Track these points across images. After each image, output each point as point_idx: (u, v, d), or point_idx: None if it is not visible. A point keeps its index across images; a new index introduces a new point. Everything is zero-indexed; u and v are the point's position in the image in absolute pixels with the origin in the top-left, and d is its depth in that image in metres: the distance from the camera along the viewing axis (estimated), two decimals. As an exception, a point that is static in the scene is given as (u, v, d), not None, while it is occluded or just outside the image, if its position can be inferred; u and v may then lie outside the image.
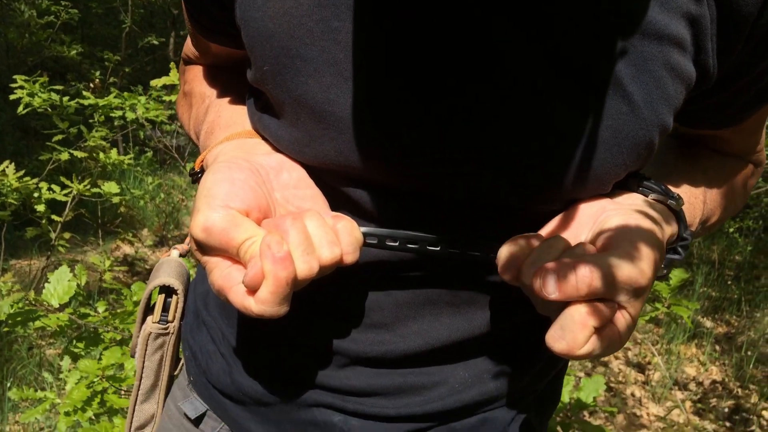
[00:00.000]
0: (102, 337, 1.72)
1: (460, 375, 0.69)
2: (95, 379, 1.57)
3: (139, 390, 0.79)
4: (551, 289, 0.49)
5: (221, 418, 0.76)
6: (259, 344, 0.72)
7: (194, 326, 0.79)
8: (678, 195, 0.61)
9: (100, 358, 1.63)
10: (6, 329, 1.58)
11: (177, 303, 0.79)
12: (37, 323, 1.61)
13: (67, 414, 1.61)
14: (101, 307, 1.92)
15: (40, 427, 2.52)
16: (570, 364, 3.18)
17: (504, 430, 0.73)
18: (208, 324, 0.77)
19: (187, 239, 0.87)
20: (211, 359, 0.76)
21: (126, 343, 1.74)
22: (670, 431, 2.84)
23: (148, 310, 0.79)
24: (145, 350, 0.77)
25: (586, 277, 0.49)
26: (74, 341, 1.67)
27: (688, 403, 3.07)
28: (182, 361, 0.82)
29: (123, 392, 1.69)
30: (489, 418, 0.72)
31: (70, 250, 3.83)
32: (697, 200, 0.69)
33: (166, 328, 0.78)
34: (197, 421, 0.77)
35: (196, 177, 0.66)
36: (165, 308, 0.78)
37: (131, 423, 0.81)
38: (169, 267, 0.80)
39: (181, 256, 0.84)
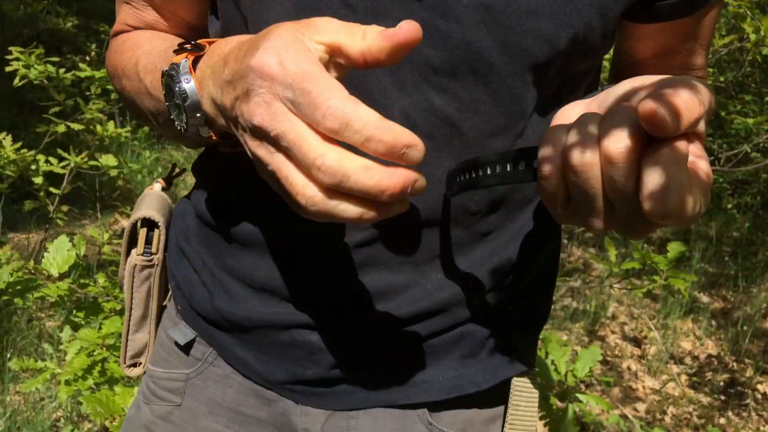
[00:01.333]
0: (102, 306, 1.72)
1: (433, 277, 0.70)
2: (95, 348, 1.57)
3: (130, 321, 0.82)
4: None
5: (209, 343, 0.79)
6: (236, 270, 0.74)
7: (177, 258, 0.81)
8: None
9: (100, 328, 1.63)
10: (6, 298, 1.58)
11: (159, 235, 0.81)
12: (37, 293, 1.61)
13: (67, 383, 1.62)
14: (101, 279, 1.92)
15: (40, 397, 2.54)
16: (566, 338, 3.21)
17: (482, 344, 0.75)
18: (188, 255, 0.79)
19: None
20: (194, 288, 0.78)
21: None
22: (665, 404, 2.87)
23: (133, 243, 0.81)
24: (132, 282, 0.80)
25: (691, 100, 0.42)
26: (74, 311, 1.68)
27: (683, 377, 3.10)
28: (170, 292, 0.85)
29: (123, 362, 1.70)
30: (466, 332, 0.73)
31: (69, 224, 3.82)
32: None
33: (150, 260, 0.80)
34: (187, 347, 0.80)
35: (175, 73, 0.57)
36: (148, 241, 0.81)
37: (125, 352, 0.84)
38: (151, 200, 0.83)
39: (163, 189, 0.86)
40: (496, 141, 0.65)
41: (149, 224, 0.81)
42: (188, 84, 0.55)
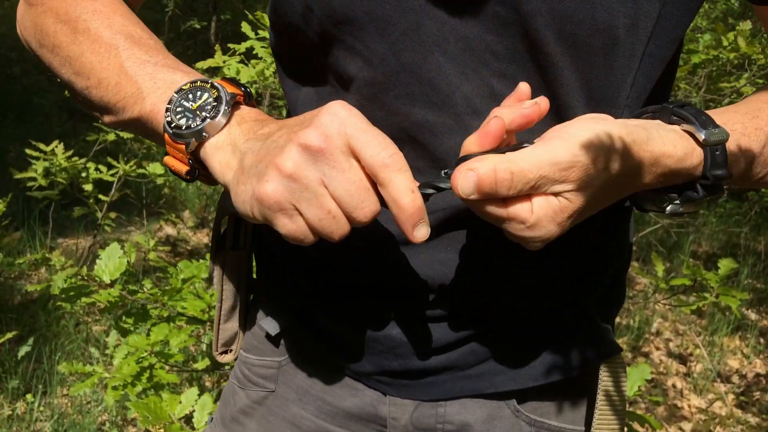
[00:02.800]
0: (150, 313, 1.75)
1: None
2: (144, 354, 1.60)
3: (221, 311, 0.84)
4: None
5: (291, 338, 0.81)
6: (314, 264, 0.76)
7: (263, 252, 0.84)
8: (720, 129, 0.58)
9: (148, 334, 1.66)
10: (59, 303, 1.62)
11: (246, 230, 0.83)
12: (88, 299, 1.65)
13: (115, 388, 1.65)
14: (148, 285, 1.96)
15: (86, 400, 2.60)
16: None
17: (568, 330, 0.75)
18: (272, 249, 0.81)
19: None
20: (280, 281, 0.81)
21: (173, 320, 1.78)
22: (712, 424, 2.80)
23: (221, 237, 0.83)
24: (222, 276, 0.82)
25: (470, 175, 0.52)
26: (123, 317, 1.71)
27: (730, 396, 3.02)
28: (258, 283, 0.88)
29: (169, 368, 1.73)
30: (552, 319, 0.73)
31: (116, 230, 3.91)
32: (759, 132, 0.64)
33: (239, 254, 0.82)
34: (278, 337, 0.83)
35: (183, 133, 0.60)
36: (236, 234, 0.82)
37: (218, 340, 0.86)
38: None
39: None
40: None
41: (236, 218, 0.82)
42: (224, 112, 0.59)
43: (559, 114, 0.63)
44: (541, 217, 0.54)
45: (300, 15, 0.66)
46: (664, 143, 0.57)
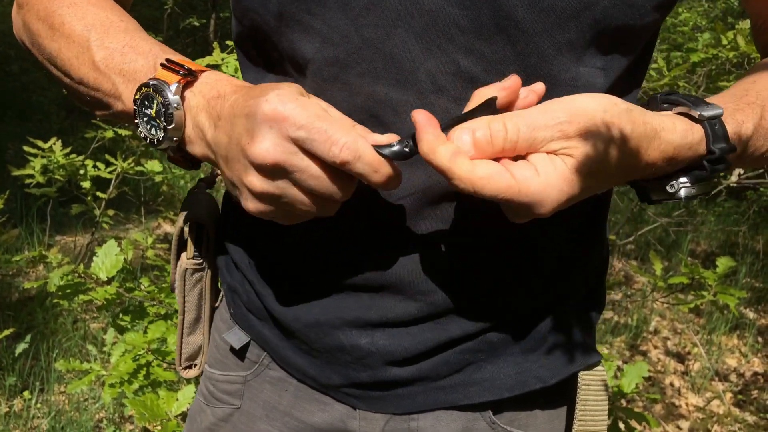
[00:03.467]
0: (147, 310, 1.75)
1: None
2: (141, 352, 1.60)
3: (183, 324, 0.81)
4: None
5: (262, 347, 0.78)
6: (281, 269, 0.73)
7: (226, 260, 0.80)
8: (713, 104, 0.58)
9: (145, 332, 1.66)
10: (56, 300, 1.61)
11: (208, 238, 0.80)
12: (85, 296, 1.64)
13: (112, 386, 1.65)
14: (145, 283, 1.96)
15: (84, 397, 2.59)
16: (606, 351, 3.15)
17: (544, 337, 0.72)
18: (236, 256, 0.78)
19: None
20: (244, 289, 0.77)
21: (170, 317, 1.77)
22: (710, 422, 2.80)
23: (182, 245, 0.80)
24: (184, 285, 0.79)
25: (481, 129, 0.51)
26: (120, 314, 1.71)
27: (728, 395, 3.02)
28: (222, 294, 0.84)
29: (166, 365, 1.72)
30: (526, 325, 0.71)
31: (114, 227, 3.90)
32: (750, 106, 0.63)
33: (200, 264, 0.80)
34: (242, 351, 0.79)
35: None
36: (198, 243, 0.79)
37: (180, 354, 0.84)
38: (198, 201, 0.81)
39: (207, 189, 0.84)
40: None
41: (198, 226, 0.79)
42: (177, 111, 0.60)
43: (532, 81, 0.60)
44: (549, 173, 0.52)
45: None
46: (663, 120, 0.56)
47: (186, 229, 0.79)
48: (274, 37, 0.65)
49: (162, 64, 0.62)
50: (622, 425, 1.57)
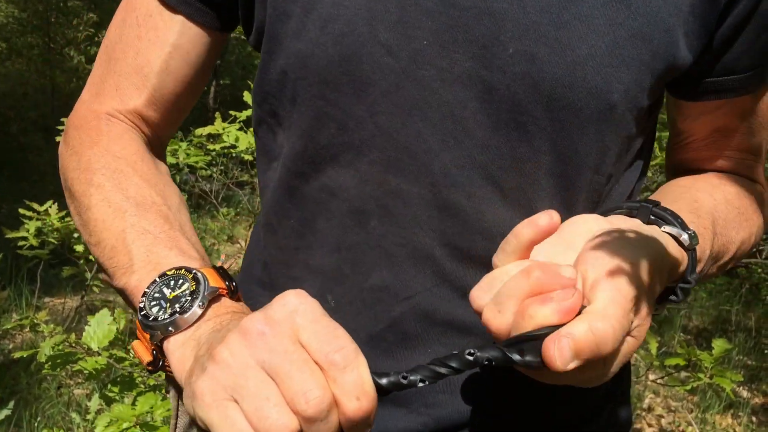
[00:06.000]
0: (136, 382, 1.72)
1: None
2: (128, 425, 1.56)
3: (176, 428, 0.76)
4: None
5: None
6: None
7: None
8: (694, 232, 0.57)
9: (134, 403, 1.62)
10: (45, 370, 1.59)
11: None
12: (75, 366, 1.61)
13: (96, 458, 1.60)
14: (135, 351, 1.92)
15: (65, 468, 2.51)
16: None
17: None
18: None
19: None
20: None
21: (160, 388, 1.74)
22: (707, 506, 2.73)
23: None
24: (179, 387, 0.74)
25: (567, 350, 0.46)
26: (109, 385, 1.67)
27: (724, 477, 2.96)
28: None
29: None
30: None
31: (104, 290, 3.86)
32: (706, 231, 0.63)
33: None
34: None
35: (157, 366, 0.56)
36: None
37: None
38: None
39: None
40: (540, 206, 0.60)
41: None
42: (200, 307, 0.54)
43: (546, 181, 0.60)
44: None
45: (275, 81, 0.63)
46: (668, 245, 0.55)
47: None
48: (288, 122, 0.64)
49: (215, 267, 0.58)
50: None
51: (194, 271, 0.56)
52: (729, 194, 0.70)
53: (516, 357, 0.48)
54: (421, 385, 0.48)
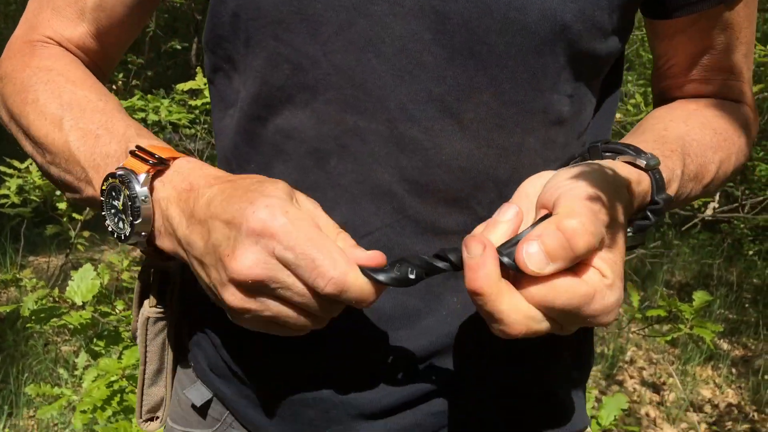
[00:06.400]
0: (122, 336, 1.72)
1: (450, 303, 0.64)
2: (115, 378, 1.57)
3: (144, 374, 0.76)
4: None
5: (224, 404, 0.74)
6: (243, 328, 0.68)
7: (189, 311, 0.75)
8: (651, 154, 0.56)
9: (120, 357, 1.63)
10: (29, 325, 1.58)
11: (173, 287, 0.73)
12: (59, 321, 1.61)
13: (83, 412, 1.61)
14: (120, 306, 1.92)
15: (54, 423, 2.53)
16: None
17: (527, 401, 0.68)
18: (196, 306, 0.74)
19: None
20: (206, 345, 0.73)
21: (145, 343, 1.75)
22: (685, 453, 2.81)
23: (145, 293, 0.74)
24: (146, 335, 0.74)
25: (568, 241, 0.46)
26: (95, 339, 1.68)
27: (703, 426, 3.03)
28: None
29: (141, 392, 1.69)
30: (507, 392, 0.67)
31: (89, 249, 3.85)
32: (673, 154, 0.62)
33: (164, 313, 0.73)
34: (204, 408, 0.75)
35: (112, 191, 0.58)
36: (162, 291, 0.73)
37: (141, 407, 0.78)
38: None
39: None
40: (498, 136, 0.60)
41: (162, 274, 0.72)
42: (144, 204, 0.56)
43: (505, 109, 0.59)
44: (615, 269, 0.49)
45: (228, 25, 0.62)
46: (629, 172, 0.55)
47: (150, 276, 0.73)
48: (243, 65, 0.63)
49: (131, 151, 0.58)
50: (599, 457, 1.57)
51: (118, 174, 0.57)
52: (705, 117, 0.69)
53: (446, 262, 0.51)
54: (412, 278, 0.51)
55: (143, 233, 0.57)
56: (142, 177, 0.56)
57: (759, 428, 3.04)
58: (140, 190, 0.55)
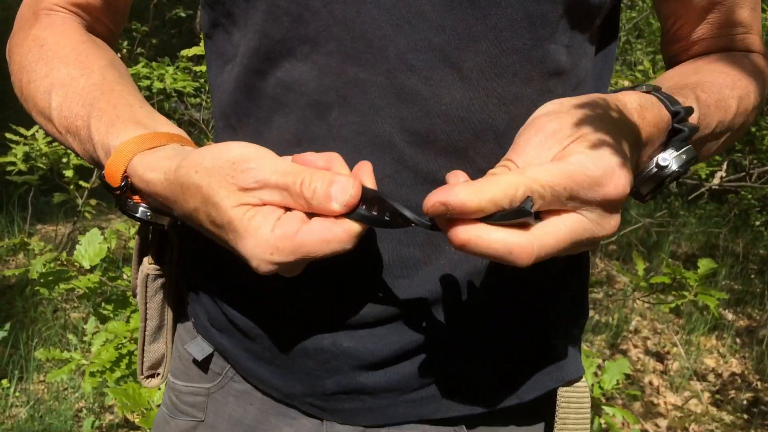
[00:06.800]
0: (129, 300, 1.74)
1: (449, 253, 0.64)
2: (123, 341, 1.59)
3: (145, 331, 0.77)
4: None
5: (225, 358, 0.74)
6: (238, 272, 0.68)
7: (188, 266, 0.77)
8: (654, 85, 0.57)
9: (127, 321, 1.65)
10: (36, 288, 1.60)
11: (172, 243, 0.75)
12: (68, 285, 1.63)
13: (93, 375, 1.63)
14: (127, 272, 1.94)
15: (63, 387, 2.57)
16: (588, 350, 3.18)
17: (522, 350, 0.69)
18: (196, 262, 0.75)
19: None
20: (205, 299, 0.74)
21: (153, 307, 1.76)
22: (687, 421, 2.83)
23: (144, 250, 0.75)
24: (146, 291, 0.74)
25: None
26: (103, 303, 1.69)
27: (706, 394, 3.06)
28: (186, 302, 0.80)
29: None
30: (503, 341, 0.67)
31: (96, 217, 3.87)
32: (686, 89, 0.62)
33: (163, 270, 0.74)
34: (205, 362, 0.76)
35: (121, 192, 0.61)
36: (161, 248, 0.74)
37: (142, 363, 0.79)
38: None
39: None
40: (497, 85, 0.60)
41: (161, 231, 0.73)
42: (139, 208, 0.62)
43: (504, 58, 0.59)
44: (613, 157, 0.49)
45: None
46: (633, 98, 0.55)
47: (149, 233, 0.74)
48: (243, 19, 0.63)
49: (102, 184, 0.62)
50: (602, 421, 1.59)
51: (114, 193, 0.61)
52: (716, 66, 0.69)
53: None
54: (387, 220, 0.52)
55: (152, 221, 0.62)
56: (124, 203, 0.62)
57: (762, 397, 3.06)
58: (139, 214, 0.62)
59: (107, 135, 0.62)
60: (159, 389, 1.47)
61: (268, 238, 0.50)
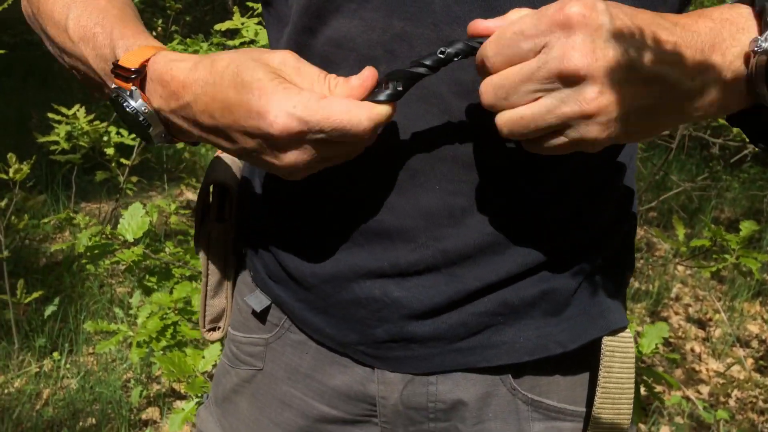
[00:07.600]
0: (172, 272, 1.78)
1: (496, 203, 0.66)
2: (168, 312, 1.63)
3: (207, 286, 0.81)
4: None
5: (282, 310, 0.78)
6: (295, 222, 0.73)
7: (247, 222, 0.80)
8: None
9: (171, 292, 1.69)
10: (84, 262, 1.65)
11: (232, 200, 0.80)
12: (112, 258, 1.68)
13: (139, 345, 1.69)
14: (170, 247, 1.99)
15: (112, 358, 2.66)
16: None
17: (567, 299, 0.70)
18: (255, 216, 0.78)
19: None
20: (263, 252, 0.77)
21: (195, 279, 1.80)
22: (730, 387, 2.80)
23: (207, 207, 0.80)
24: (208, 248, 0.79)
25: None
26: (147, 275, 1.74)
27: (749, 360, 3.02)
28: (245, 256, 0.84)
29: (192, 325, 1.76)
30: (548, 286, 0.69)
31: (137, 194, 3.95)
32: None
33: (224, 226, 0.79)
34: (263, 314, 0.79)
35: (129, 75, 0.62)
36: (221, 206, 0.79)
37: (204, 317, 0.84)
38: (222, 164, 0.82)
39: None
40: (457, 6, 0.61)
41: (221, 189, 0.79)
42: (148, 114, 0.61)
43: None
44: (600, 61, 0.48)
45: None
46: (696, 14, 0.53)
47: (210, 191, 0.79)
48: None
49: (111, 70, 0.63)
50: (642, 387, 1.58)
51: (114, 90, 0.62)
52: None
53: (477, 43, 0.54)
54: (400, 89, 0.56)
55: (163, 135, 0.63)
56: (129, 92, 0.61)
57: (807, 363, 3.01)
58: (136, 104, 0.61)
59: (134, 37, 0.65)
60: (203, 357, 1.51)
61: (294, 93, 0.54)
